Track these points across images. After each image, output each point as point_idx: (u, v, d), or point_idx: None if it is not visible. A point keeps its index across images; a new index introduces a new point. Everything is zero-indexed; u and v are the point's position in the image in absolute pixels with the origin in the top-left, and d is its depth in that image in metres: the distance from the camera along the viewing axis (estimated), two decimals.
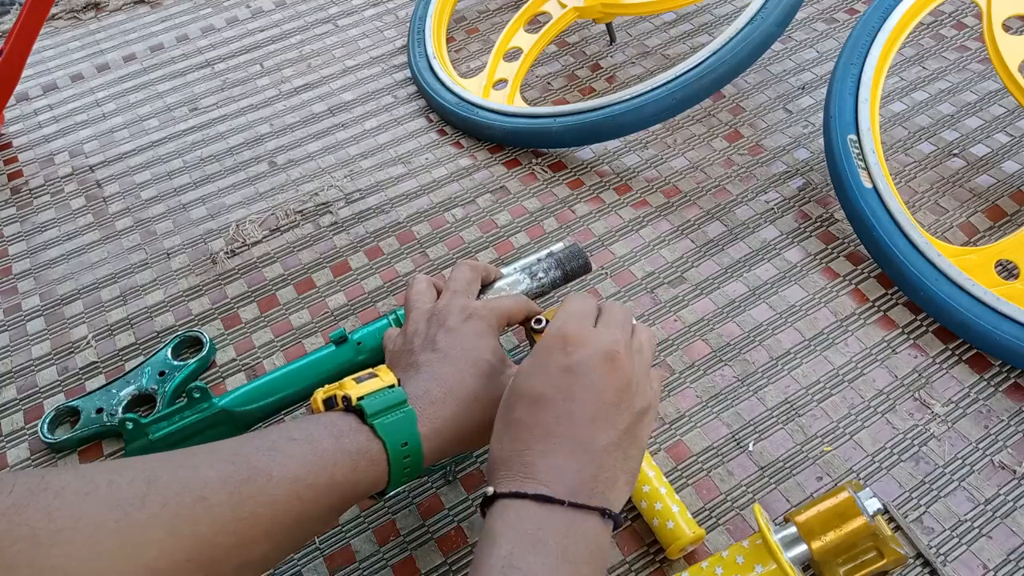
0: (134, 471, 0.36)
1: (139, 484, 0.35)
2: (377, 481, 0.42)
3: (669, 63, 0.88)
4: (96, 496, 0.34)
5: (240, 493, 0.37)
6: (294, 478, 0.39)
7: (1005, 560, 0.50)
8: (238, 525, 0.37)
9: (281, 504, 0.38)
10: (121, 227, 0.77)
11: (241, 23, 1.00)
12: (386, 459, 0.42)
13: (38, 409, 0.63)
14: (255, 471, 0.38)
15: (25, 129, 0.89)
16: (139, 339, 0.67)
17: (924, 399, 0.58)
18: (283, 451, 0.39)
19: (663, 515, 0.50)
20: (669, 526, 0.50)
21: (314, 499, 0.39)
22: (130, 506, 0.34)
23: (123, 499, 0.34)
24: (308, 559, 0.53)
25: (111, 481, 0.34)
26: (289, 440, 0.40)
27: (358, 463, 0.41)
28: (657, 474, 0.52)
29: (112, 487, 0.34)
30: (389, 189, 0.78)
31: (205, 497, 0.36)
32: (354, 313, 0.68)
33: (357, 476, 0.41)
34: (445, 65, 0.87)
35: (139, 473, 0.35)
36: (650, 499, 0.51)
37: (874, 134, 0.67)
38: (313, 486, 0.39)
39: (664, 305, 0.65)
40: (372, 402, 0.43)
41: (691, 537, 0.49)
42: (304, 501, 0.39)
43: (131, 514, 0.34)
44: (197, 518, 0.35)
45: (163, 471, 0.36)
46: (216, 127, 0.86)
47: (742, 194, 0.73)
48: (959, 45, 0.86)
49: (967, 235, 0.68)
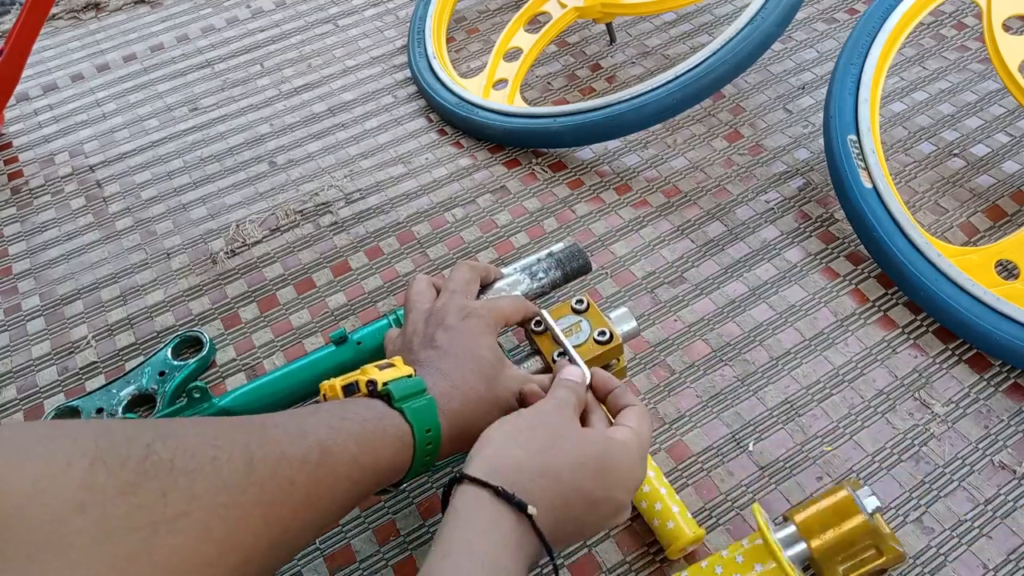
0: (232, 446, 0.35)
1: (239, 463, 0.34)
2: (403, 466, 0.42)
3: (669, 63, 0.88)
4: (203, 476, 0.32)
5: (316, 475, 0.37)
6: (352, 459, 0.39)
7: (1005, 560, 0.50)
8: (309, 510, 0.37)
9: (341, 486, 0.38)
10: (121, 227, 0.77)
11: (241, 23, 1.00)
12: (412, 444, 0.42)
13: (38, 409, 0.63)
14: (325, 451, 0.38)
15: (25, 129, 0.89)
16: (139, 339, 0.67)
17: (924, 399, 0.58)
18: (342, 430, 0.39)
19: (663, 515, 0.50)
20: (669, 526, 0.50)
21: (362, 480, 0.39)
22: (235, 488, 0.33)
23: (228, 481, 0.33)
24: (308, 559, 0.53)
25: (214, 458, 0.33)
26: (342, 419, 0.40)
27: (396, 445, 0.41)
28: (657, 474, 0.52)
29: (216, 464, 0.33)
30: (389, 189, 0.78)
31: (293, 481, 0.36)
32: (354, 313, 0.68)
33: (394, 459, 0.41)
34: (445, 65, 0.87)
35: (237, 449, 0.35)
36: (650, 499, 0.51)
37: (874, 134, 0.67)
38: (363, 467, 0.39)
39: (664, 305, 0.65)
40: (398, 386, 0.43)
41: (691, 537, 0.49)
42: (354, 483, 0.39)
43: (236, 499, 0.33)
44: (285, 502, 0.35)
45: (257, 447, 0.35)
46: (216, 127, 0.87)
47: (742, 194, 0.73)
48: (959, 45, 0.86)
49: (967, 235, 0.68)
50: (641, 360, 0.62)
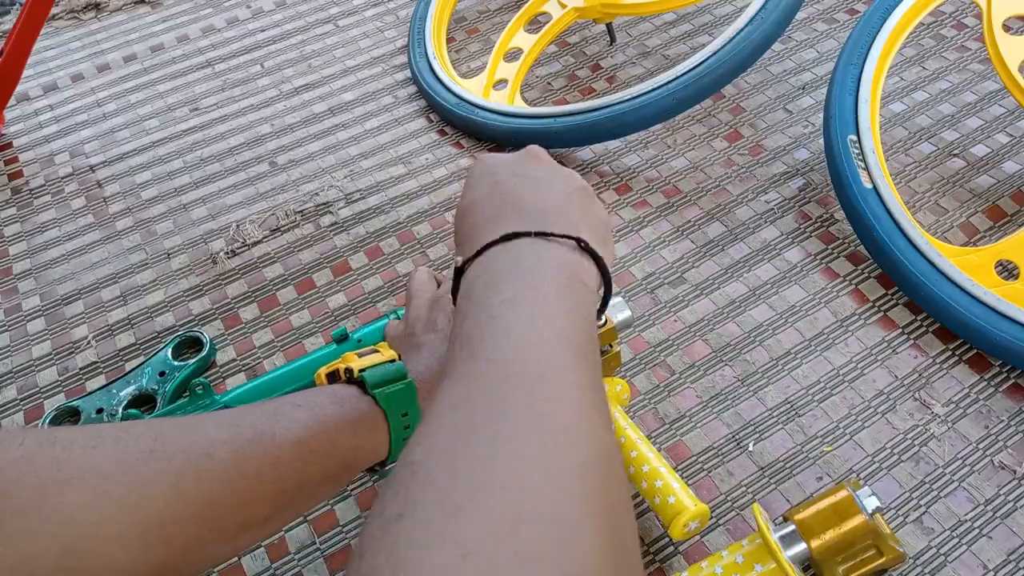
0: (141, 429, 0.36)
1: (146, 440, 0.35)
2: (379, 449, 0.43)
3: (669, 63, 0.88)
4: (103, 450, 0.34)
5: (244, 452, 0.37)
6: (297, 440, 0.39)
7: (1005, 560, 0.50)
8: (242, 483, 0.37)
9: (284, 464, 0.39)
10: (121, 227, 0.77)
11: (241, 23, 1.00)
12: (387, 428, 0.43)
13: (39, 409, 0.63)
14: (259, 433, 0.38)
15: (26, 129, 0.89)
16: (139, 339, 0.67)
17: (924, 399, 0.58)
18: (287, 415, 0.40)
19: (664, 491, 0.48)
20: (671, 501, 0.48)
21: (316, 463, 0.40)
22: (136, 460, 0.34)
23: (130, 454, 0.35)
24: (308, 559, 0.53)
25: (118, 438, 0.35)
26: (293, 406, 0.41)
27: (358, 430, 0.42)
28: (656, 456, 0.51)
29: (119, 443, 0.35)
30: (389, 189, 0.78)
31: (210, 455, 0.36)
32: (354, 313, 0.68)
33: (358, 442, 0.42)
34: (445, 65, 0.87)
35: (146, 431, 0.36)
36: (650, 478, 0.50)
37: (874, 134, 0.67)
38: (315, 451, 0.40)
39: (664, 305, 0.65)
40: (373, 373, 0.43)
41: (694, 511, 0.47)
42: (307, 464, 0.39)
43: (137, 467, 0.34)
44: (202, 474, 0.36)
45: (169, 431, 0.37)
46: (216, 127, 0.87)
47: (742, 194, 0.73)
48: (959, 45, 0.86)
49: (967, 235, 0.68)
50: (641, 360, 0.62)
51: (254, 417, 0.40)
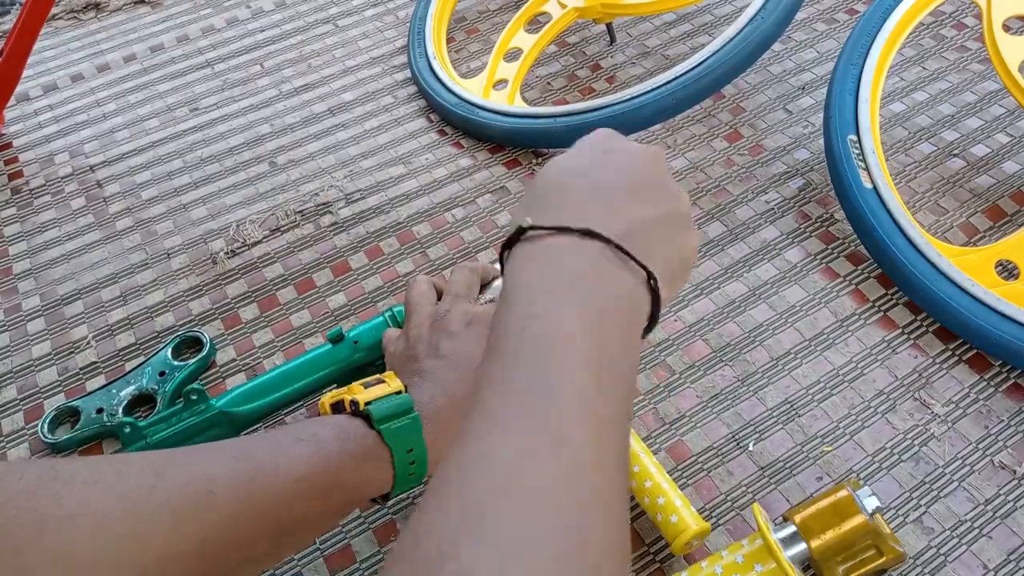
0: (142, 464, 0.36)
1: (147, 476, 0.35)
2: (382, 485, 0.43)
3: (669, 63, 0.88)
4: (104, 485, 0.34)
5: (246, 489, 0.37)
6: (299, 477, 0.39)
7: (1005, 560, 0.50)
8: (242, 521, 0.37)
9: (285, 502, 0.38)
10: (121, 227, 0.77)
11: (241, 23, 1.00)
12: (391, 464, 0.42)
13: (38, 409, 0.63)
14: (260, 469, 0.38)
15: (25, 129, 0.89)
16: (139, 339, 0.67)
17: (924, 399, 0.58)
18: (289, 451, 0.40)
19: (666, 509, 0.49)
20: (673, 520, 0.49)
21: (318, 499, 0.40)
22: (137, 496, 0.34)
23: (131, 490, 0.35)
24: (308, 559, 0.53)
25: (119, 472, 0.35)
26: (296, 440, 0.40)
27: (362, 467, 0.41)
28: (659, 470, 0.52)
29: (120, 478, 0.35)
30: (389, 189, 0.78)
31: (211, 492, 0.36)
32: (354, 313, 0.68)
33: (361, 479, 0.41)
34: (445, 65, 0.87)
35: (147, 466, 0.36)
36: (652, 494, 0.50)
37: (874, 134, 0.67)
38: (318, 486, 0.39)
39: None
40: (379, 407, 0.43)
41: (696, 530, 0.48)
42: (308, 500, 0.39)
43: (138, 504, 0.34)
44: (203, 512, 0.36)
45: (170, 466, 0.37)
46: (216, 127, 0.87)
47: (742, 194, 0.73)
48: (959, 45, 0.86)
49: (967, 235, 0.68)
50: (641, 360, 0.62)
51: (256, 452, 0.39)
